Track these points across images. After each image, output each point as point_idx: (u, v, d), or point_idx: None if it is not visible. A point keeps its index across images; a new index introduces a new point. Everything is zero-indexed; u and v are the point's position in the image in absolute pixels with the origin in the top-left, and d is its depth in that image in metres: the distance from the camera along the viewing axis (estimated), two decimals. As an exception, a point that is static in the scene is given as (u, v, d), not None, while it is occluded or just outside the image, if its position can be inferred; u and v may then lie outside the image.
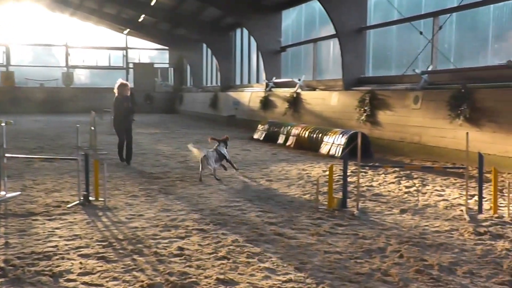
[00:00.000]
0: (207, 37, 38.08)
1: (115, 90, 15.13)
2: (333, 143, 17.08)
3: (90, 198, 9.66)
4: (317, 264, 6.35)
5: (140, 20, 42.77)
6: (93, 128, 13.42)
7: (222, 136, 13.44)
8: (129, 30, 47.96)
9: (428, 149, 16.24)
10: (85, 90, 48.41)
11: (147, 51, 52.17)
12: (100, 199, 9.71)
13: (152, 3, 35.87)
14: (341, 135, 16.95)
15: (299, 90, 25.07)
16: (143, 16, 40.97)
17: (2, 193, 9.95)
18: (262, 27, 29.54)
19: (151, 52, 52.49)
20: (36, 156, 15.06)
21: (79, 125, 9.85)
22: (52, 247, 6.93)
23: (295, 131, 19.85)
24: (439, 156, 15.68)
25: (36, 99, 45.30)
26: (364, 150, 14.52)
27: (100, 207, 9.39)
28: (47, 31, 48.46)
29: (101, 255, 6.60)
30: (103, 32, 49.59)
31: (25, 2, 43.32)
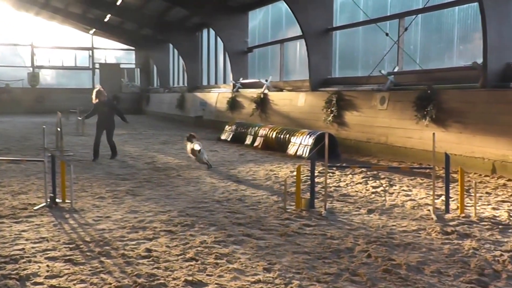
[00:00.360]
0: (174, 37, 37.91)
1: (93, 97, 15.99)
2: (300, 143, 17.12)
3: (57, 200, 9.57)
4: (286, 264, 6.37)
5: (106, 20, 42.36)
6: (59, 129, 13.31)
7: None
8: (95, 30, 47.53)
9: (395, 149, 16.38)
10: (51, 91, 47.87)
11: (113, 51, 51.74)
12: (67, 201, 9.63)
13: (118, 3, 35.56)
14: (308, 136, 17.00)
15: (266, 91, 25.11)
16: (109, 16, 40.61)
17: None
18: (228, 28, 29.52)
19: (117, 53, 52.10)
20: (2, 158, 14.90)
21: (45, 126, 9.75)
22: (19, 250, 6.86)
23: (263, 131, 19.87)
24: (406, 156, 15.83)
25: (1, 99, 44.79)
26: (331, 151, 14.61)
27: (67, 209, 9.30)
28: (13, 31, 47.75)
29: (68, 257, 6.54)
30: (69, 32, 49.03)
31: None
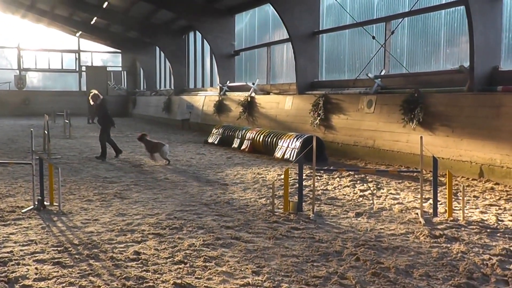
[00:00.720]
0: (160, 40, 37.86)
1: (90, 99, 17.20)
2: (287, 147, 17.12)
3: (45, 203, 9.53)
4: (274, 267, 6.38)
5: (92, 22, 42.28)
6: (46, 132, 13.28)
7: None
8: (81, 32, 47.39)
9: (382, 153, 16.43)
10: (38, 93, 47.79)
11: (100, 54, 51.68)
12: (55, 204, 9.60)
13: (104, 6, 35.50)
14: (295, 139, 17.00)
15: (253, 94, 25.14)
16: (95, 18, 40.53)
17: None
18: (215, 31, 29.52)
19: (104, 55, 52.04)
20: (-11, 161, 14.83)
21: (33, 129, 9.72)
22: (7, 252, 6.84)
23: (250, 135, 19.86)
24: (393, 159, 15.89)
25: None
26: (318, 154, 14.63)
27: (55, 212, 9.27)
28: (-1, 33, 47.62)
29: (56, 260, 6.53)
30: (56, 34, 48.90)
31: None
